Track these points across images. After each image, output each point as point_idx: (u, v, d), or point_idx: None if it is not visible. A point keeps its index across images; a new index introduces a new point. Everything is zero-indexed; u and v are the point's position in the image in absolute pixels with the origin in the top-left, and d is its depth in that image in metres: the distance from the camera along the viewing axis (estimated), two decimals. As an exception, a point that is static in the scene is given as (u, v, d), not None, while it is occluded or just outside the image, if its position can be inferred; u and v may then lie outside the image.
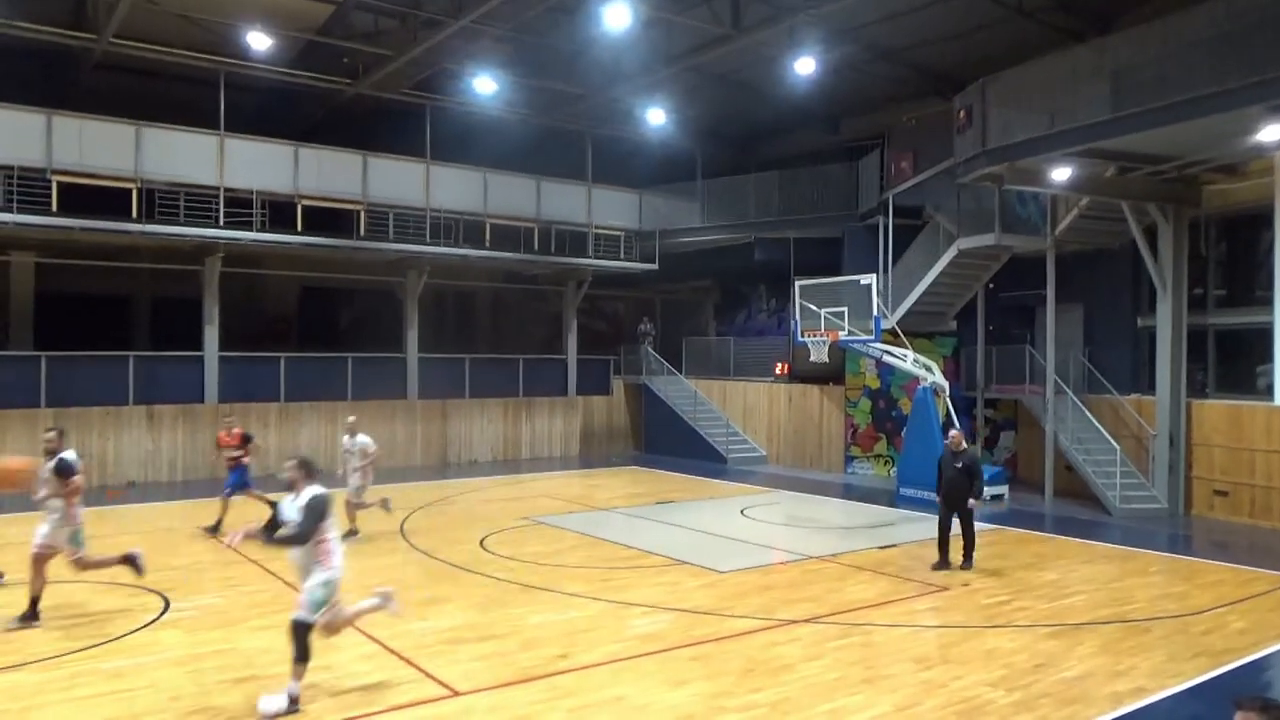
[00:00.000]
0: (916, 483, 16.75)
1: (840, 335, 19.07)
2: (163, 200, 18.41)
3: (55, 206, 17.20)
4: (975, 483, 11.29)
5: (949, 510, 11.36)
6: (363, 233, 20.83)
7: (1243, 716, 3.49)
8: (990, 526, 14.14)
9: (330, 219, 20.74)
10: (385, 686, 7.11)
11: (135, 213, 18.06)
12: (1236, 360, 16.44)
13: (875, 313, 18.54)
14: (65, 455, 8.73)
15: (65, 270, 19.69)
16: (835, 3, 16.27)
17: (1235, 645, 8.45)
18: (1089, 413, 17.50)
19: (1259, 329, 15.64)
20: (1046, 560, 12.18)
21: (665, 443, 24.79)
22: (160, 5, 17.21)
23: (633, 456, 24.74)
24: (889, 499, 17.46)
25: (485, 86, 20.68)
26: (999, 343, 19.99)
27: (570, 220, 24.10)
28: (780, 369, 23.71)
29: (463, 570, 11.22)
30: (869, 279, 18.89)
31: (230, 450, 13.52)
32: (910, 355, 18.46)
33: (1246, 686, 7.27)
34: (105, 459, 18.40)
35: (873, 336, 18.63)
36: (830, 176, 23.47)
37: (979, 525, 11.97)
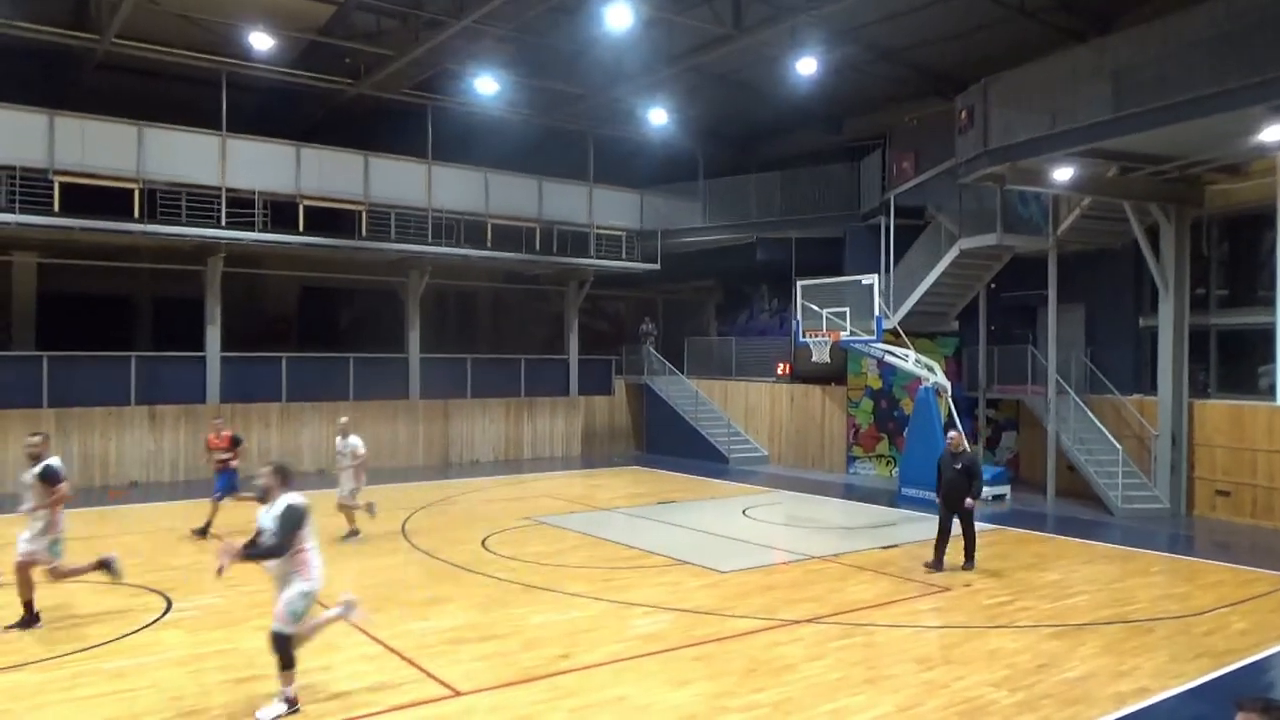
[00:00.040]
0: (918, 483, 16.73)
1: (842, 335, 19.07)
2: (164, 200, 18.43)
3: (57, 207, 17.22)
4: (974, 483, 11.33)
5: (949, 512, 11.38)
6: (364, 233, 20.84)
7: (1244, 717, 3.48)
8: (992, 527, 14.14)
9: (332, 219, 20.77)
10: (387, 687, 7.11)
11: (137, 213, 18.09)
12: (1239, 360, 16.43)
13: (877, 313, 18.53)
14: (51, 462, 8.61)
15: (67, 270, 19.70)
16: (836, 3, 16.28)
17: (1237, 646, 8.45)
18: (1091, 413, 17.50)
19: (1261, 329, 15.63)
20: (1048, 560, 12.18)
21: (667, 443, 24.78)
22: (162, 5, 17.21)
23: (634, 456, 24.74)
24: (891, 499, 17.46)
25: (487, 87, 20.68)
26: (1001, 343, 19.98)
27: (572, 220, 24.10)
28: (782, 369, 23.71)
29: (464, 570, 11.22)
30: (871, 279, 18.89)
31: (220, 453, 13.31)
32: (912, 355, 18.46)
33: (1248, 687, 7.25)
34: (107, 459, 18.43)
35: (874, 337, 18.64)
36: (832, 176, 23.50)
37: (980, 526, 11.98)
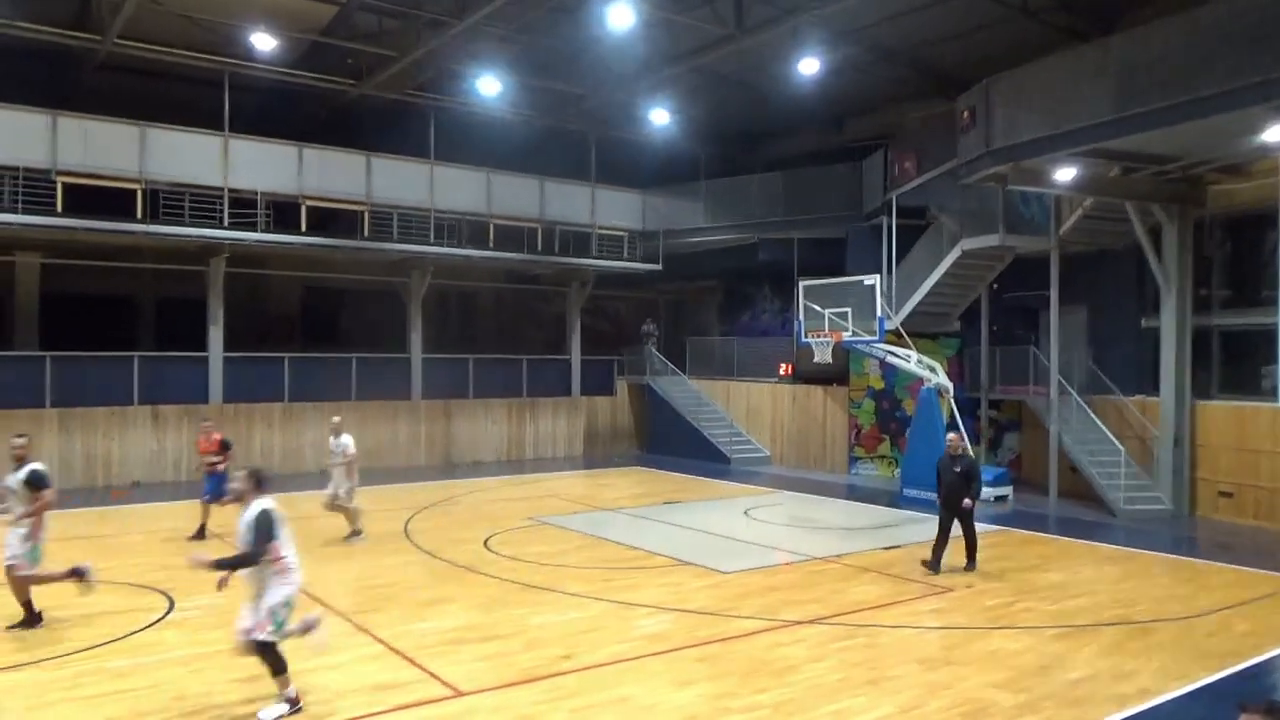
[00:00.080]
0: (920, 484, 16.71)
1: (844, 336, 19.06)
2: (167, 201, 18.45)
3: (60, 207, 17.24)
4: (973, 485, 11.27)
5: (949, 514, 11.31)
6: (366, 233, 20.86)
7: (1247, 719, 3.48)
8: (994, 528, 14.13)
9: (334, 220, 20.79)
10: (389, 687, 7.12)
11: (140, 213, 18.11)
12: (1241, 361, 16.40)
13: (879, 313, 18.53)
14: (37, 466, 8.58)
15: (70, 271, 19.72)
16: (838, 3, 16.26)
17: (1240, 647, 8.44)
18: (1093, 414, 17.48)
19: (1264, 330, 15.61)
20: (1051, 562, 12.17)
21: (669, 443, 24.77)
22: (164, 6, 17.23)
23: (636, 457, 24.74)
24: (893, 500, 17.45)
25: (488, 87, 20.69)
26: (1003, 343, 19.97)
27: (574, 221, 24.10)
28: (785, 369, 23.69)
29: (466, 570, 11.23)
30: (873, 279, 18.88)
31: (209, 456, 13.17)
32: (914, 356, 18.45)
33: (1251, 689, 7.25)
34: (110, 459, 18.45)
35: (876, 337, 18.63)
36: (834, 177, 23.49)
37: (982, 527, 11.96)
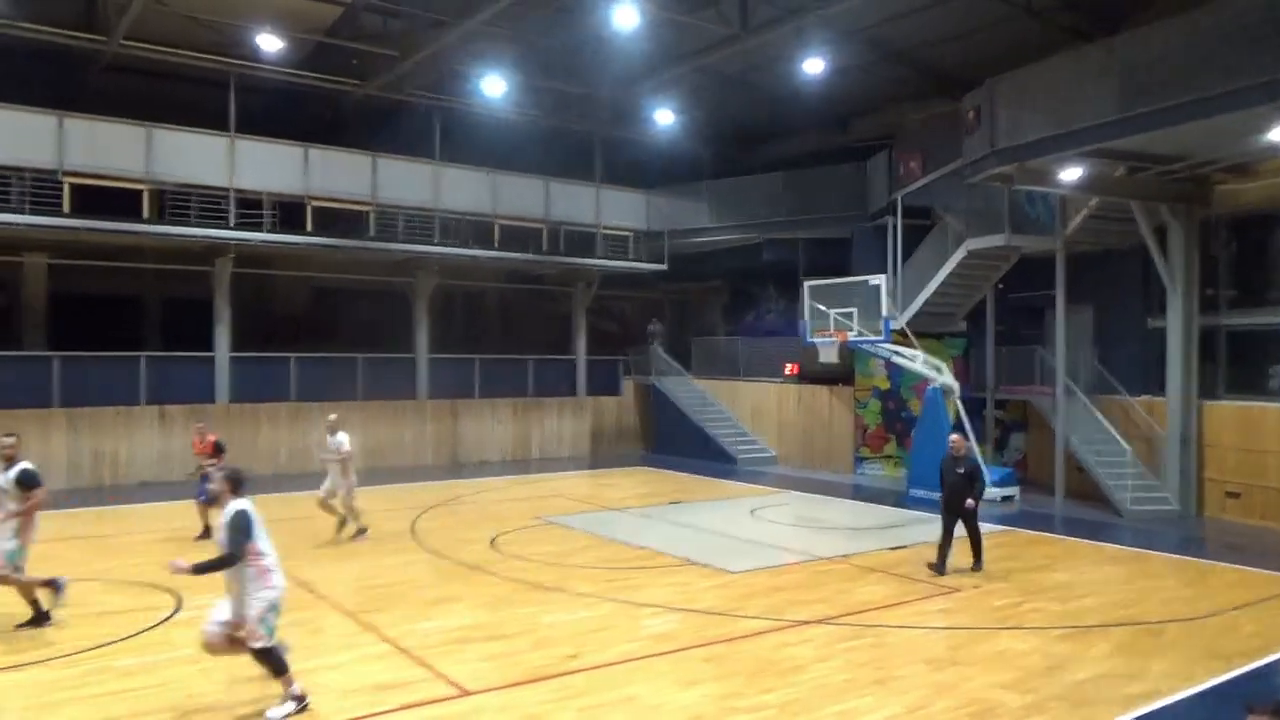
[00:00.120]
0: (927, 484, 16.65)
1: (849, 336, 19.04)
2: (173, 201, 18.47)
3: (66, 208, 17.28)
4: (975, 485, 11.21)
5: (952, 515, 11.24)
6: (372, 233, 20.89)
7: None
8: (1001, 528, 14.11)
9: (340, 220, 20.81)
10: (396, 686, 7.13)
11: (146, 214, 18.14)
12: (1249, 362, 16.35)
13: (884, 313, 18.51)
14: (28, 465, 8.55)
15: (78, 271, 19.74)
16: (842, 3, 16.26)
17: (1248, 648, 8.41)
18: (1099, 414, 17.43)
19: (1271, 330, 15.56)
20: (1057, 562, 12.14)
21: (675, 443, 24.75)
22: (169, 7, 17.27)
23: (642, 457, 24.74)
24: (899, 500, 17.43)
25: (493, 87, 20.69)
26: (1009, 343, 19.94)
27: (578, 221, 24.11)
28: (790, 369, 23.67)
29: (473, 570, 11.24)
30: (878, 280, 18.87)
31: (204, 458, 13.03)
32: (920, 356, 18.43)
33: (1259, 690, 7.23)
34: (118, 459, 18.49)
35: (882, 337, 18.61)
36: (838, 177, 23.47)
37: (988, 527, 11.94)
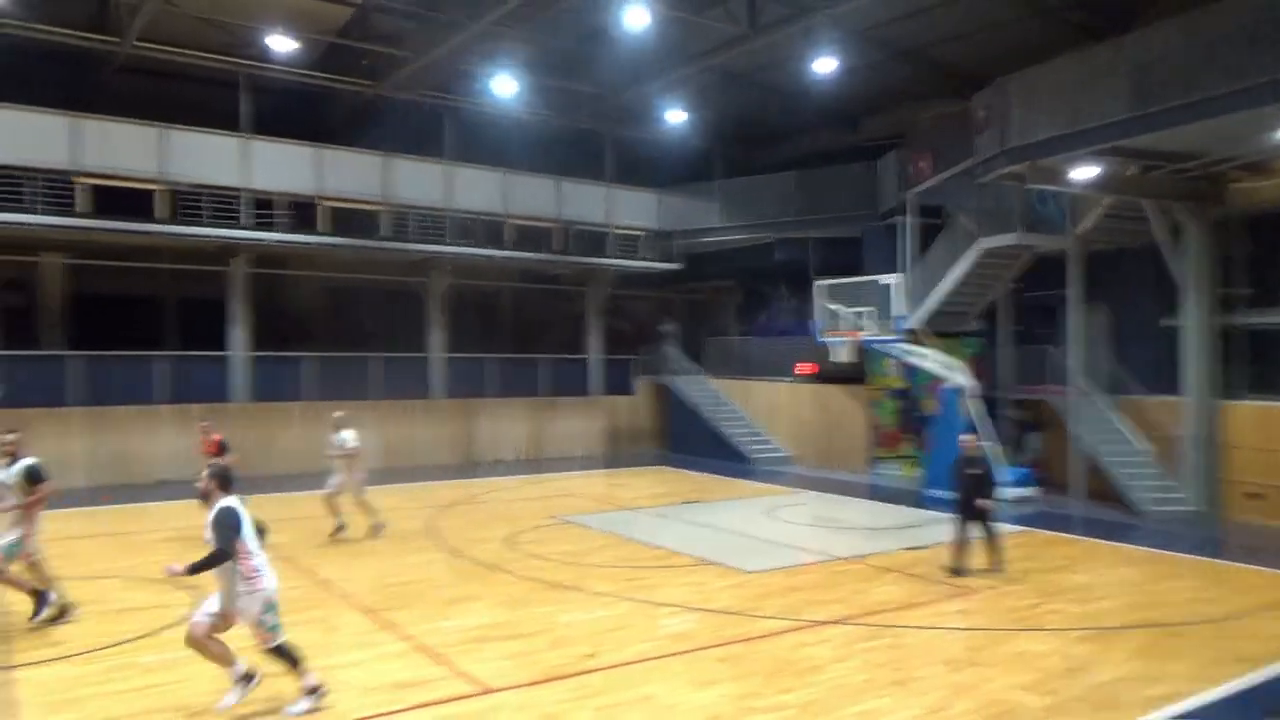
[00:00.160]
0: (944, 484, 16.61)
1: (862, 335, 18.99)
2: (187, 202, 18.58)
3: (81, 208, 17.38)
4: (988, 486, 11.11)
5: (967, 517, 11.14)
6: (385, 233, 20.93)
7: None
8: (1018, 529, 14.03)
9: (353, 220, 20.88)
10: (415, 684, 7.15)
11: (160, 214, 18.23)
12: (1270, 361, 16.22)
13: (897, 313, 18.46)
14: (34, 461, 8.69)
15: (93, 271, 19.87)
16: (850, 2, 16.21)
17: (1269, 651, 8.31)
18: (1116, 413, 17.33)
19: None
20: (1075, 563, 12.07)
21: (690, 442, 24.71)
22: (181, 8, 17.37)
23: (656, 456, 24.73)
24: (915, 500, 17.35)
25: (504, 88, 20.73)
26: (1024, 343, 19.82)
27: (590, 220, 24.13)
28: (805, 369, 23.58)
29: (490, 569, 11.26)
30: (889, 279, 18.82)
31: (209, 458, 12.69)
32: (933, 355, 18.35)
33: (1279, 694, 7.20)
34: (136, 458, 18.58)
35: (895, 337, 18.54)
36: (848, 176, 23.37)
37: (1006, 528, 11.86)
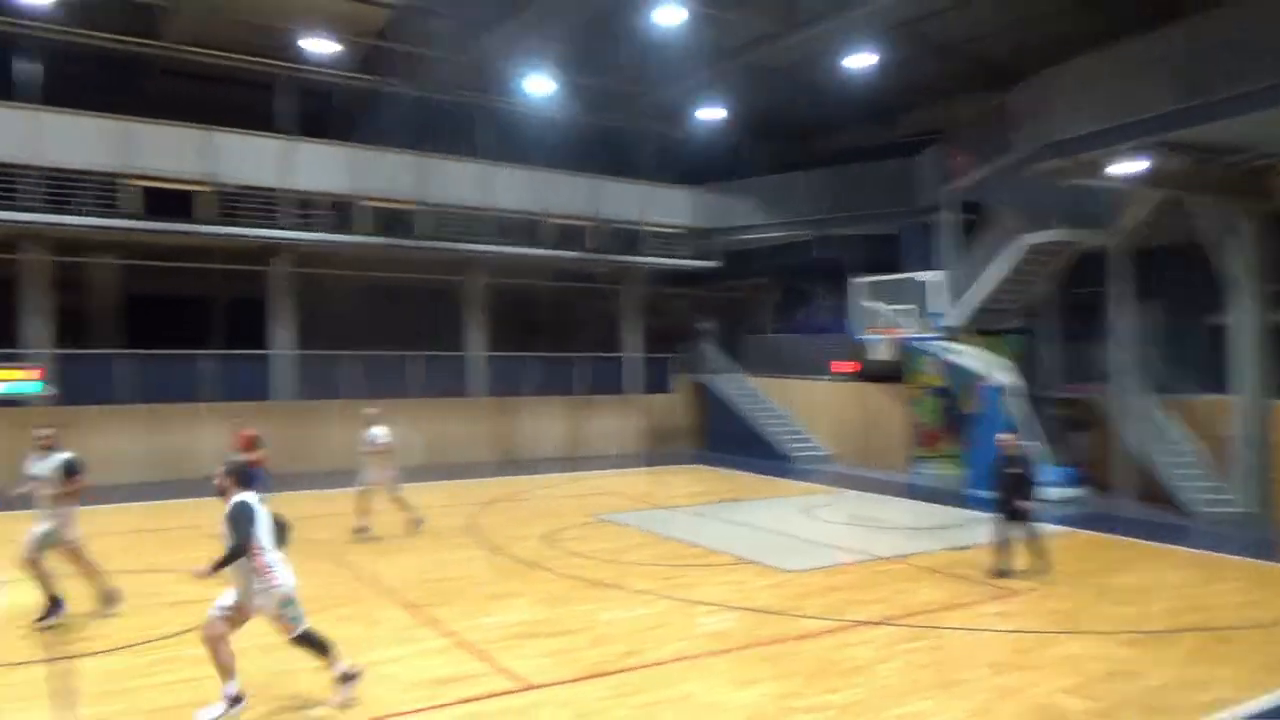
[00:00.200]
0: (986, 483, 16.41)
1: (901, 333, 18.80)
2: (229, 202, 18.91)
3: (130, 210, 17.75)
4: (1029, 486, 10.88)
5: (1007, 517, 10.95)
6: (424, 232, 21.11)
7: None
8: (1063, 529, 13.80)
9: (392, 219, 21.11)
10: (457, 679, 7.23)
11: (203, 215, 18.57)
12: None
13: (936, 310, 18.24)
14: (72, 455, 8.93)
15: (143, 271, 20.33)
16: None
17: (1325, 656, 8.14)
18: (1164, 412, 16.96)
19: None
20: (1122, 564, 11.87)
21: (728, 441, 24.64)
22: (223, 13, 17.71)
23: (695, 455, 24.70)
24: (957, 499, 17.13)
25: (540, 87, 20.83)
26: (1069, 340, 19.49)
27: (626, 219, 24.16)
28: (844, 367, 23.41)
29: (531, 566, 11.34)
30: (928, 276, 18.62)
31: (241, 453, 12.87)
32: (973, 353, 18.10)
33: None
34: (184, 455, 18.93)
35: (934, 334, 18.32)
36: (885, 173, 23.09)
37: (1050, 528, 11.69)
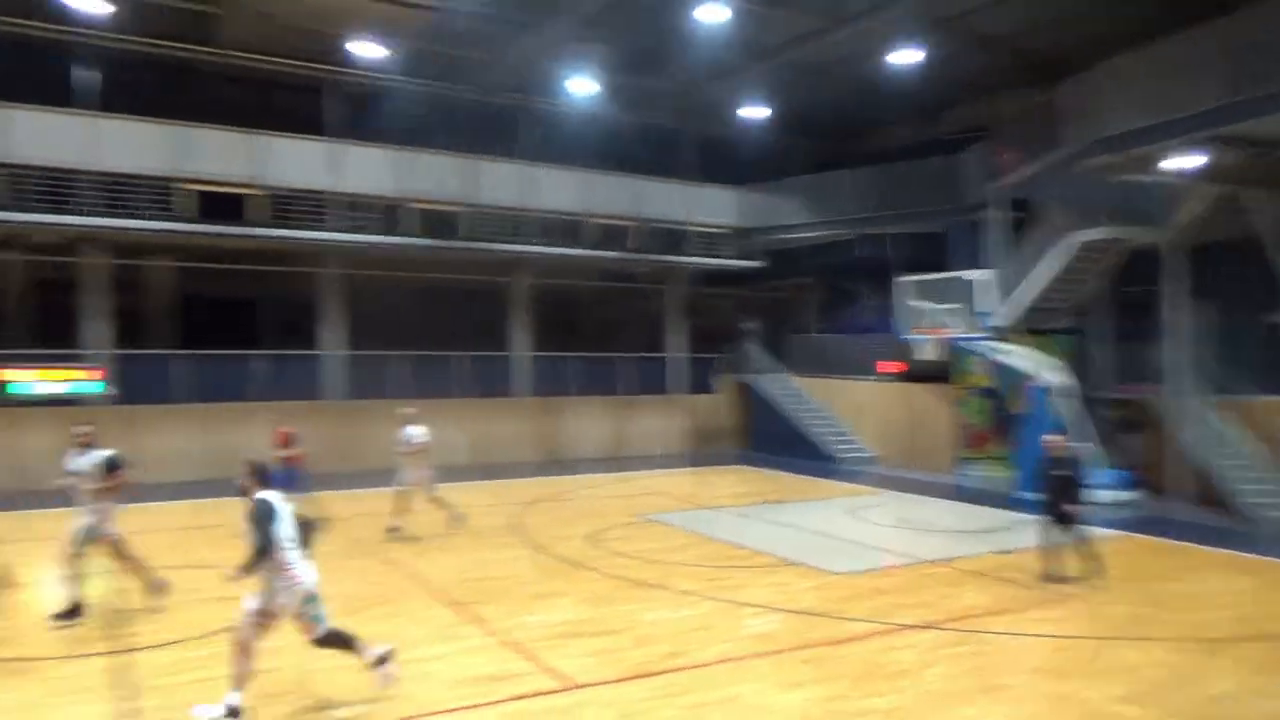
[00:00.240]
0: (1034, 486, 16.12)
1: (947, 333, 18.54)
2: (280, 205, 19.27)
3: (184, 213, 18.16)
4: (1076, 489, 10.51)
5: (1054, 521, 10.66)
6: (469, 234, 21.30)
7: None
8: (1117, 534, 13.50)
9: (438, 221, 21.35)
10: (502, 677, 7.29)
11: (256, 218, 18.93)
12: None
13: (984, 309, 17.96)
14: (113, 452, 9.22)
15: (198, 273, 20.81)
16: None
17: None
18: (1222, 414, 16.52)
19: None
20: (1178, 570, 11.59)
21: (772, 441, 24.48)
22: (273, 20, 18.05)
23: (738, 455, 24.61)
24: (1004, 502, 16.84)
25: (583, 87, 20.89)
26: (1121, 340, 19.06)
27: (670, 219, 24.15)
28: (890, 367, 23.14)
29: (575, 566, 11.39)
30: (976, 275, 18.33)
31: (280, 450, 13.09)
32: (1022, 352, 17.78)
33: None
34: (237, 454, 19.29)
35: (981, 334, 18.04)
36: (929, 170, 22.77)
37: (1103, 532, 11.44)
